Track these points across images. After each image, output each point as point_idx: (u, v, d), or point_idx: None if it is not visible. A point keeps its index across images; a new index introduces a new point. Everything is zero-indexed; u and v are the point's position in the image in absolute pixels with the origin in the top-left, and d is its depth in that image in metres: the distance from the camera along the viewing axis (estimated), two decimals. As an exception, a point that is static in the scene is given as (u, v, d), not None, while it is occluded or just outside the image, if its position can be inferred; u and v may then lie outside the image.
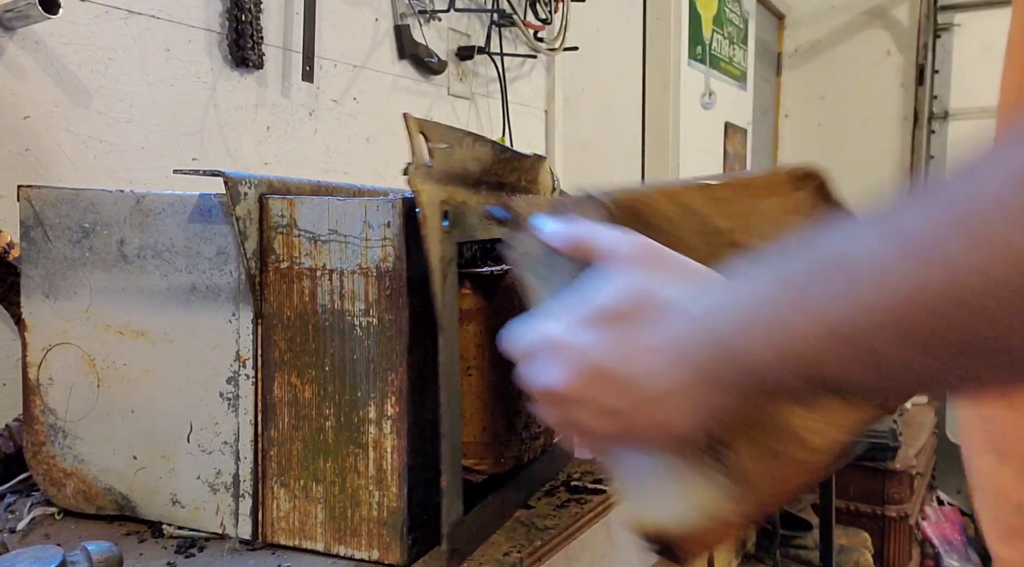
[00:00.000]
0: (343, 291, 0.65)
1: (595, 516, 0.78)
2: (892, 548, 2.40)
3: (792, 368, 0.39)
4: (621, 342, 0.44)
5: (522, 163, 0.79)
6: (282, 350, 0.67)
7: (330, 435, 0.66)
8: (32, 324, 0.75)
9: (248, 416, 0.68)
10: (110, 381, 0.73)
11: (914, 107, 4.00)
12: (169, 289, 0.70)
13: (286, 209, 0.67)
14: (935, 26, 3.89)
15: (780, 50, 4.38)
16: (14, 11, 0.94)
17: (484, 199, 0.72)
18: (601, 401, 0.45)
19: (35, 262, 0.75)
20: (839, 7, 4.18)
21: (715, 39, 3.26)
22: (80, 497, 0.75)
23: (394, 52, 1.63)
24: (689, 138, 3.06)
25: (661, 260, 0.47)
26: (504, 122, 1.94)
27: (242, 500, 0.69)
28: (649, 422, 0.44)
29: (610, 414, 0.45)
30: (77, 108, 1.06)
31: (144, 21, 1.14)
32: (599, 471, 0.88)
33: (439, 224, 0.62)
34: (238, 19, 1.25)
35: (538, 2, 1.99)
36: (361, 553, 0.66)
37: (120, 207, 0.72)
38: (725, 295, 0.43)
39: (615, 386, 0.44)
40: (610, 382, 0.44)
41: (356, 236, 0.64)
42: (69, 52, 1.05)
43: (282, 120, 1.38)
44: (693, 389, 0.42)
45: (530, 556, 0.68)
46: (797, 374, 0.39)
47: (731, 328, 0.41)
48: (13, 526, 0.72)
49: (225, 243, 0.68)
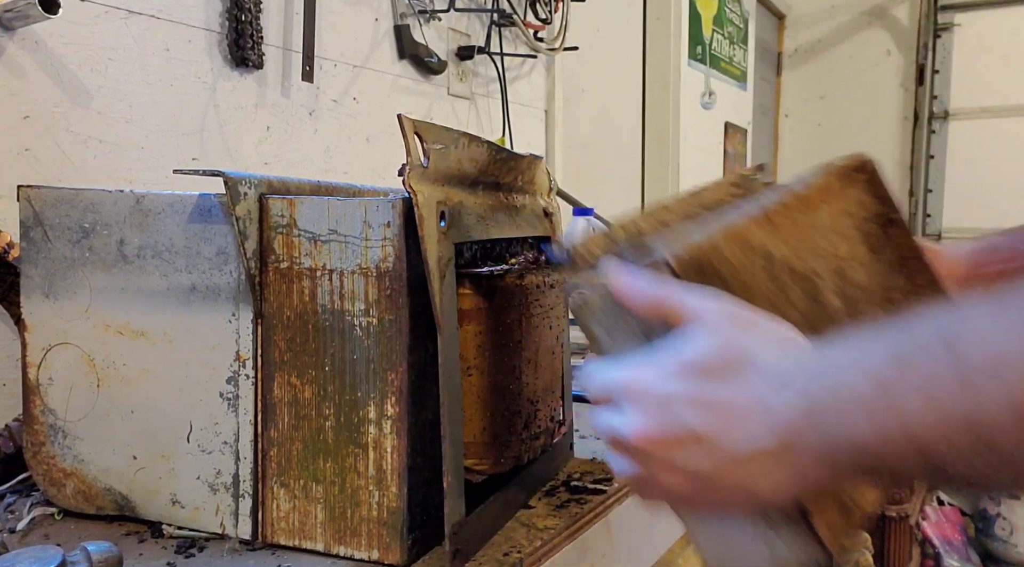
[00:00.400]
0: (343, 291, 0.65)
1: (595, 516, 0.78)
2: (892, 548, 2.40)
3: (897, 448, 0.37)
4: (710, 398, 0.42)
5: (518, 163, 0.79)
6: (282, 350, 0.67)
7: (330, 435, 0.66)
8: (32, 324, 0.76)
9: (248, 416, 0.68)
10: (110, 381, 0.73)
11: (914, 107, 4.00)
12: (169, 289, 0.71)
13: (286, 209, 0.67)
14: (935, 26, 3.89)
15: (780, 50, 4.38)
16: (14, 11, 0.94)
17: (481, 199, 0.72)
18: (683, 458, 0.42)
19: (35, 262, 0.75)
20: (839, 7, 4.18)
21: (715, 39, 3.26)
22: (80, 497, 0.75)
23: (394, 52, 1.63)
24: (689, 138, 3.06)
25: (752, 324, 0.44)
26: (504, 122, 1.94)
27: (242, 500, 0.69)
28: (733, 484, 0.42)
29: (692, 472, 0.42)
30: (77, 108, 1.06)
31: (144, 21, 1.14)
32: (599, 471, 0.88)
33: (436, 225, 0.62)
34: (238, 19, 1.25)
35: (538, 2, 1.99)
36: (361, 553, 0.66)
37: (120, 207, 0.72)
38: (825, 364, 0.41)
39: (700, 443, 0.42)
40: (694, 438, 0.42)
41: (356, 236, 0.64)
42: (69, 52, 1.05)
43: (282, 120, 1.38)
44: (784, 455, 0.40)
45: (530, 556, 0.68)
46: (902, 454, 0.37)
47: (831, 399, 0.39)
48: (13, 526, 0.72)
49: (225, 243, 0.68)
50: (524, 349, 0.74)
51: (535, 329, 0.76)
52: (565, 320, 0.87)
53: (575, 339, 0.85)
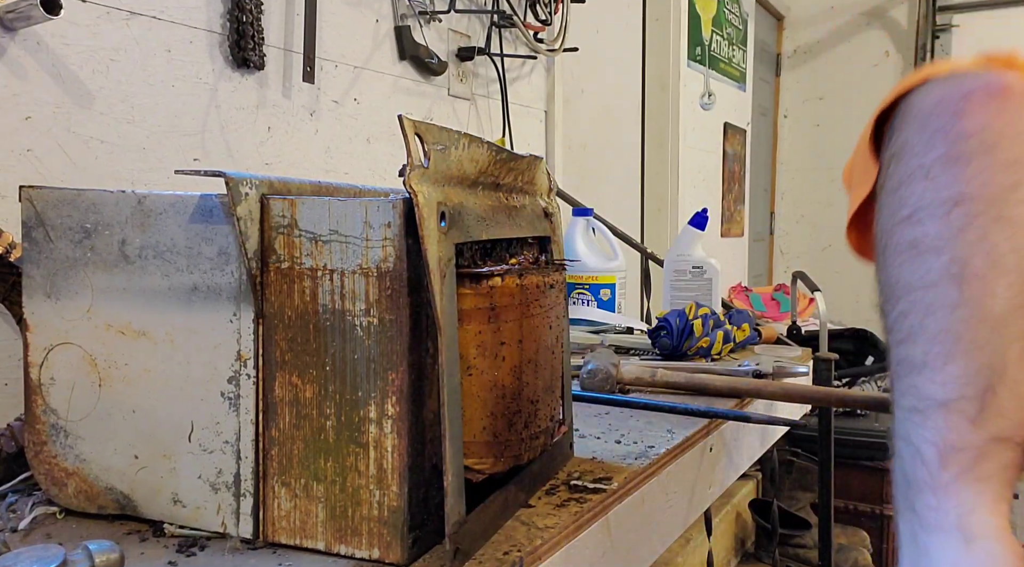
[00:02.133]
0: (344, 291, 0.65)
1: (595, 515, 0.79)
2: (891, 547, 2.40)
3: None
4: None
5: (519, 164, 0.80)
6: (283, 350, 0.68)
7: (331, 434, 0.66)
8: (34, 324, 0.76)
9: (249, 415, 0.69)
10: (111, 381, 0.74)
11: (913, 108, 3.99)
12: (170, 289, 0.71)
13: (287, 209, 0.67)
14: (934, 27, 3.89)
15: (779, 51, 4.38)
16: (16, 12, 0.95)
17: (481, 199, 0.73)
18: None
19: (37, 262, 0.75)
20: (838, 8, 4.18)
21: (714, 40, 3.27)
22: (81, 496, 0.75)
23: (394, 53, 1.63)
24: (688, 138, 3.07)
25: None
26: (504, 123, 1.95)
27: (243, 499, 0.69)
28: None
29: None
30: (79, 109, 1.07)
31: (145, 22, 1.14)
32: (599, 471, 0.88)
33: (436, 225, 0.63)
34: (239, 20, 1.25)
35: (538, 3, 1.99)
36: (362, 552, 0.66)
37: (121, 207, 0.72)
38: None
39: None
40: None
41: (357, 236, 0.65)
42: (71, 53, 1.05)
43: (283, 121, 1.38)
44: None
45: (530, 555, 0.68)
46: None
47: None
48: (15, 525, 0.73)
49: (226, 243, 0.68)
50: (524, 349, 0.74)
51: (535, 329, 0.76)
52: (565, 320, 0.87)
53: (575, 339, 0.85)
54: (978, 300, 0.45)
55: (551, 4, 2.03)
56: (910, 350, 0.47)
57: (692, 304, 1.51)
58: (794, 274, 2.20)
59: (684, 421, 1.09)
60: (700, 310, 1.49)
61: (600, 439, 1.01)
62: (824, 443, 1.71)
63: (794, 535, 2.54)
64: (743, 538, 2.73)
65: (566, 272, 0.89)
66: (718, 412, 1.12)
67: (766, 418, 1.17)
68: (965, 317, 0.45)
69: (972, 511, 0.43)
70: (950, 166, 0.47)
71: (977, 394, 0.44)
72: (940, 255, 0.46)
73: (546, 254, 0.86)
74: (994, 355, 0.44)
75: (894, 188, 0.51)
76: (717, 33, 3.28)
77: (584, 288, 1.75)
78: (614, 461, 0.92)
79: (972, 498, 0.43)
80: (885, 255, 0.50)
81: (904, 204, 0.49)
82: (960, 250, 0.46)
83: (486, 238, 0.72)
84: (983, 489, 0.43)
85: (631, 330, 1.70)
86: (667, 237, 2.95)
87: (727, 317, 1.62)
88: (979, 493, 0.43)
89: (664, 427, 1.06)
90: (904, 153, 0.51)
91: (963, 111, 0.49)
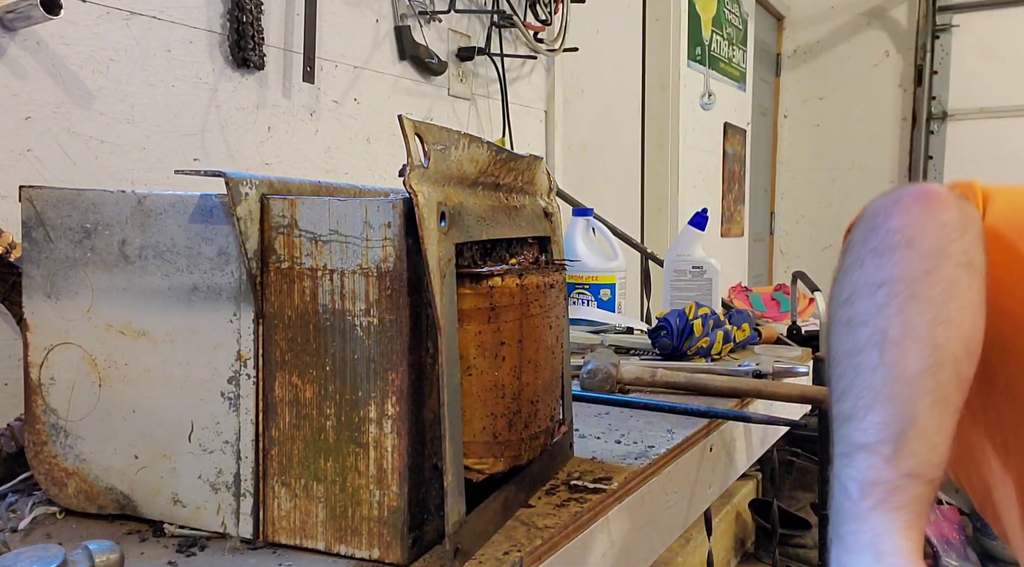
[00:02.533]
0: (344, 291, 0.65)
1: (595, 515, 0.79)
2: (891, 548, 2.40)
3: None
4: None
5: (518, 164, 0.80)
6: (283, 350, 0.68)
7: (331, 434, 0.66)
8: (34, 324, 0.76)
9: (249, 415, 0.69)
10: (111, 381, 0.74)
11: (913, 108, 4.00)
12: (170, 289, 0.71)
13: (287, 209, 0.67)
14: (934, 27, 3.89)
15: (779, 51, 4.38)
16: (16, 12, 0.95)
17: (481, 199, 0.73)
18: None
19: (37, 262, 0.75)
20: (838, 8, 4.18)
21: (714, 40, 3.27)
22: (81, 496, 0.75)
23: (394, 53, 1.63)
24: (688, 138, 3.07)
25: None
26: (504, 123, 1.95)
27: (243, 499, 0.69)
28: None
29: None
30: (79, 109, 1.07)
31: (145, 22, 1.14)
32: (599, 471, 0.88)
33: (436, 225, 0.63)
34: (239, 20, 1.25)
35: (538, 3, 1.99)
36: (362, 552, 0.66)
37: (121, 207, 0.72)
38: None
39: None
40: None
41: (357, 236, 0.65)
42: (71, 53, 1.05)
43: (283, 121, 1.38)
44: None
45: (530, 555, 0.68)
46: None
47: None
48: (15, 525, 0.73)
49: (226, 243, 0.68)
50: (524, 349, 0.74)
51: (535, 329, 0.76)
52: (565, 320, 0.87)
53: (575, 339, 0.85)
54: (894, 362, 0.55)
55: (551, 4, 2.03)
56: (842, 406, 0.57)
57: (692, 304, 1.51)
58: (794, 274, 2.21)
59: (684, 421, 1.09)
60: (700, 310, 1.49)
61: (600, 439, 1.01)
62: (824, 443, 1.71)
63: (794, 535, 2.54)
64: (743, 538, 2.73)
65: (566, 272, 0.89)
66: (718, 412, 1.12)
67: (766, 418, 1.17)
68: (884, 376, 0.55)
69: (886, 534, 0.51)
70: (878, 256, 0.59)
71: (892, 438, 0.53)
72: (866, 327, 0.57)
73: (546, 254, 0.86)
74: (907, 406, 0.54)
75: (839, 278, 0.62)
76: (717, 33, 3.28)
77: (584, 288, 1.75)
78: (614, 461, 0.92)
79: (887, 524, 0.51)
80: (830, 332, 0.61)
81: (843, 290, 0.60)
82: (881, 322, 0.56)
83: (486, 238, 0.72)
84: (896, 517, 0.52)
85: (631, 330, 1.70)
86: (667, 237, 2.95)
87: (727, 317, 1.62)
88: (893, 520, 0.51)
89: (664, 427, 1.06)
90: (849, 248, 0.63)
91: (892, 212, 0.60)
